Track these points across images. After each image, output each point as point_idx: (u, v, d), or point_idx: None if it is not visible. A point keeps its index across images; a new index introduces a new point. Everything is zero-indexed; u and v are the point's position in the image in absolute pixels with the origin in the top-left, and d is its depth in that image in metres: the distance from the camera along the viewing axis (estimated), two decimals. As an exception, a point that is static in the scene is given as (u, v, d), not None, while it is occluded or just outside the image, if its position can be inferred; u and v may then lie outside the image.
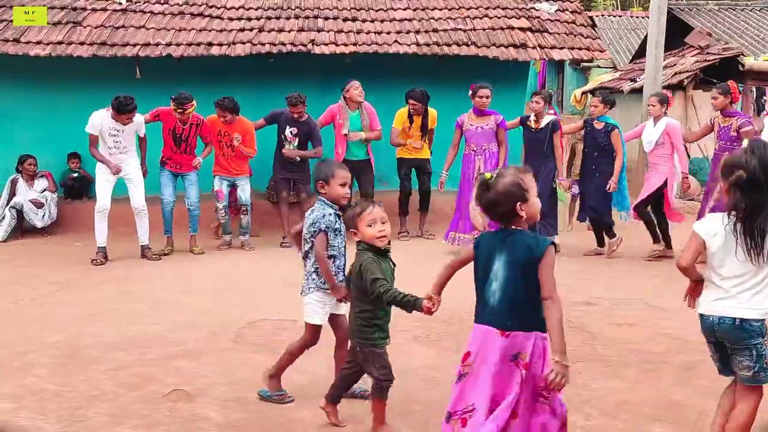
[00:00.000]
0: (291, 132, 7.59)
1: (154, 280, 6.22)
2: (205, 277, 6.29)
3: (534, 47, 8.97)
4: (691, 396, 3.51)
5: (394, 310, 3.07)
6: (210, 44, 8.54)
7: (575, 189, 9.03)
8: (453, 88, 8.20)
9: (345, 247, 3.50)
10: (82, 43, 8.42)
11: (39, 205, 7.93)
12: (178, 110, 7.10)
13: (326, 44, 8.60)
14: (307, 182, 7.60)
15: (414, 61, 8.70)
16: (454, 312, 4.81)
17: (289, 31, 8.84)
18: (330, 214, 3.40)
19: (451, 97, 8.01)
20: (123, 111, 6.77)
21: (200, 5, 9.32)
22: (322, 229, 3.38)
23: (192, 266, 6.69)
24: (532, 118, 7.12)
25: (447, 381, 3.52)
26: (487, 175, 2.70)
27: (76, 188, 8.86)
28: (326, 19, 9.17)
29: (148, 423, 3.05)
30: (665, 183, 6.91)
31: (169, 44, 8.50)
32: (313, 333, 3.47)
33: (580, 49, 9.19)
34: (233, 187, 7.68)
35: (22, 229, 8.08)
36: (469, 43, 8.83)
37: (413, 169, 7.98)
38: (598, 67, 17.53)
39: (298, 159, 7.62)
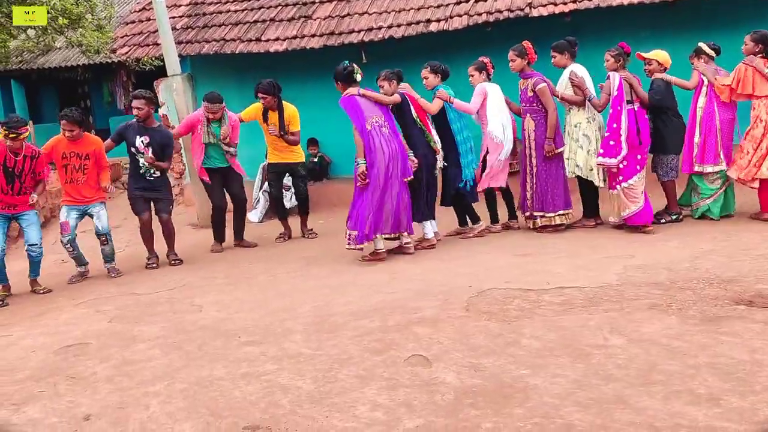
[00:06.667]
0: (142, 141, 6.90)
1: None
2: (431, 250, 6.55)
3: (785, -25, 7.91)
4: None
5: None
6: (428, 21, 8.71)
7: None
8: (689, 35, 7.50)
9: None
10: (313, 35, 9.08)
11: (287, 188, 8.72)
12: (11, 135, 6.06)
13: (544, 5, 8.33)
14: (170, 202, 7.24)
15: (641, 10, 8.11)
16: (700, 280, 4.49)
17: (505, -3, 8.72)
18: None
19: (691, 45, 6.97)
20: None
21: (417, -17, 9.53)
22: None
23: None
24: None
25: (692, 351, 3.31)
26: None
27: (317, 171, 9.63)
28: (543, -21, 8.87)
29: (391, 385, 3.27)
30: None
31: (390, 26, 8.83)
32: None
33: None
34: (85, 216, 6.82)
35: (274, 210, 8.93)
36: (705, -20, 8.01)
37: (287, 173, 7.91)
38: None
39: (156, 173, 6.97)
